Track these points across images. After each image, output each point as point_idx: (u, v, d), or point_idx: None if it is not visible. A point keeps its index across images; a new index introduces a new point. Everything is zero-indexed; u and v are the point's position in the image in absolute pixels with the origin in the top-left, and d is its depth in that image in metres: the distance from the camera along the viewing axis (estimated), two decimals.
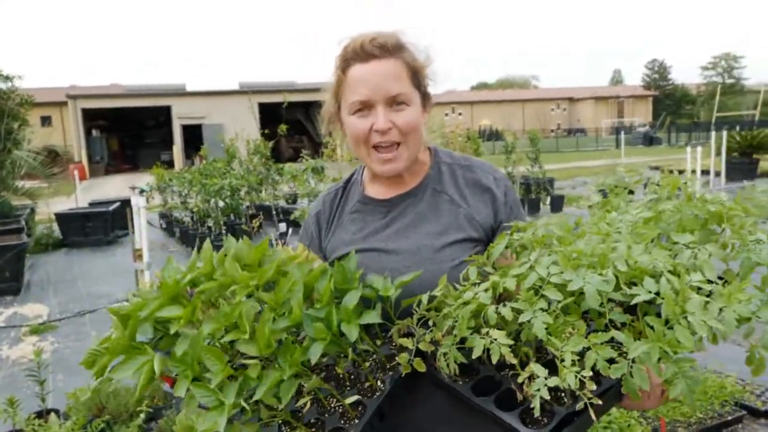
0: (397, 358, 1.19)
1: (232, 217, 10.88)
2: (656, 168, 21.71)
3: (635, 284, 0.96)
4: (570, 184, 18.43)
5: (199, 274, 1.22)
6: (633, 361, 0.91)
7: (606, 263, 0.98)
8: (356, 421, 1.13)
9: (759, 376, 0.95)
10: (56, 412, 3.71)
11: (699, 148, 13.02)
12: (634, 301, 0.93)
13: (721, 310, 0.89)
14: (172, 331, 1.14)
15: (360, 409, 1.15)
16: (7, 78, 8.56)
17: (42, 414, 3.64)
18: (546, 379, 0.96)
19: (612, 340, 0.95)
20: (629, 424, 3.17)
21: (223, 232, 9.83)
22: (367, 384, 1.19)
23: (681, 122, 54.23)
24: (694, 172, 12.81)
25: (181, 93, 35.37)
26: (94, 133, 35.35)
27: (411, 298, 1.22)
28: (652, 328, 0.92)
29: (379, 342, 1.25)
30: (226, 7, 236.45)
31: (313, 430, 1.15)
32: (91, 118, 35.05)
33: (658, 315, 0.95)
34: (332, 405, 1.19)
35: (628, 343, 0.92)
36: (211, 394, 1.06)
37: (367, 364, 1.22)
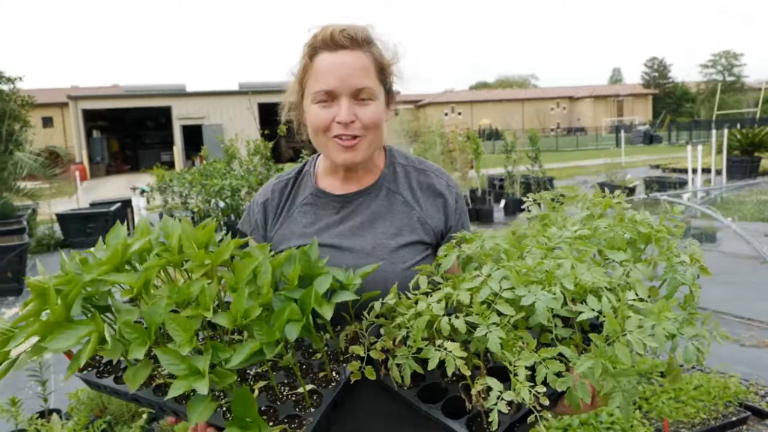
0: (350, 348, 1.20)
1: (232, 217, 10.87)
2: (657, 167, 21.72)
3: (575, 301, 1.04)
4: (570, 183, 18.40)
5: (140, 249, 1.20)
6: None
7: (552, 280, 1.03)
8: (312, 409, 1.12)
9: (675, 385, 1.02)
10: (58, 412, 3.71)
11: (700, 147, 13.01)
12: (579, 319, 0.99)
13: (653, 327, 0.96)
14: (123, 299, 1.13)
15: (315, 398, 1.15)
16: (8, 80, 8.56)
17: (44, 414, 3.64)
18: (501, 393, 0.99)
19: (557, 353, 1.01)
20: (632, 425, 3.17)
21: (224, 232, 9.83)
22: (321, 374, 1.19)
23: (681, 120, 54.17)
24: (695, 170, 12.82)
25: (181, 94, 35.37)
26: (95, 133, 35.37)
27: (366, 293, 1.23)
28: (588, 343, 1.01)
29: (328, 335, 1.26)
30: (225, 9, 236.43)
31: (265, 417, 1.13)
32: (92, 118, 35.09)
33: (593, 327, 1.08)
34: (284, 394, 1.17)
35: (574, 358, 0.98)
36: (180, 361, 1.03)
37: (319, 355, 1.23)
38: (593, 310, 0.98)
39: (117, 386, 1.19)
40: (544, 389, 0.97)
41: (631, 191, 13.21)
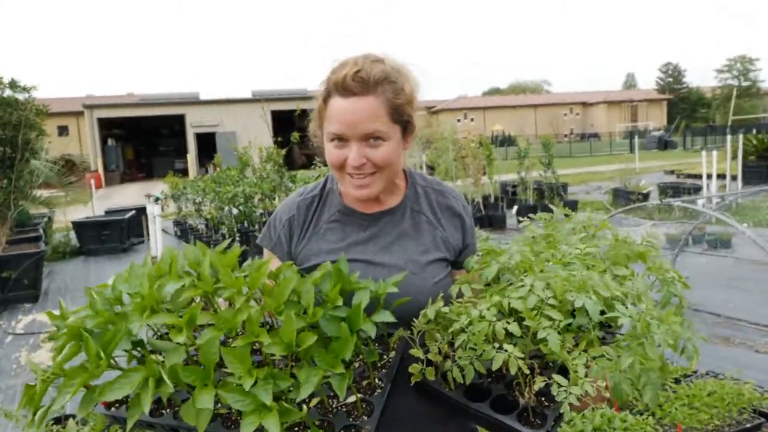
0: (385, 356, 1.27)
1: (245, 224, 10.94)
2: (671, 172, 21.55)
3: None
4: (584, 189, 18.34)
5: (170, 280, 1.19)
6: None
7: (586, 289, 1.15)
8: (365, 417, 1.16)
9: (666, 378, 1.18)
10: (74, 417, 3.75)
11: (714, 152, 12.89)
12: (621, 322, 1.12)
13: (667, 330, 1.11)
14: (176, 341, 1.10)
15: (365, 405, 1.19)
16: (24, 89, 8.66)
17: (60, 420, 3.68)
18: (567, 388, 1.09)
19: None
20: (645, 431, 3.14)
21: (237, 239, 9.89)
22: (364, 383, 1.24)
23: (696, 126, 53.73)
24: (710, 176, 12.71)
25: (194, 102, 35.70)
26: (110, 142, 35.75)
27: (397, 301, 1.30)
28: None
29: (375, 354, 1.29)
30: (238, 17, 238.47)
31: (322, 431, 1.16)
32: (107, 127, 35.47)
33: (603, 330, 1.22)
34: (333, 406, 1.21)
35: (615, 356, 1.10)
36: (244, 396, 1.03)
37: (356, 364, 1.27)
38: (625, 315, 1.11)
39: (152, 420, 1.19)
40: (605, 384, 1.08)
41: (645, 197, 13.12)
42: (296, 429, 1.16)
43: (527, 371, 1.12)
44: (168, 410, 1.18)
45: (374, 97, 1.39)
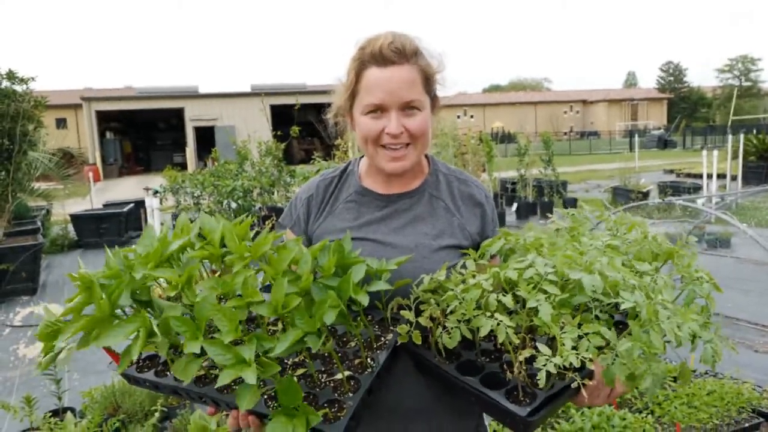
0: (383, 338, 1.28)
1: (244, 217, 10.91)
2: (671, 171, 21.56)
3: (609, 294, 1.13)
4: (583, 187, 18.33)
5: (183, 245, 1.25)
6: (616, 354, 1.07)
7: (592, 270, 1.13)
8: (350, 394, 1.17)
9: (686, 386, 1.13)
10: (72, 410, 3.74)
11: (715, 152, 12.88)
12: (623, 307, 1.08)
13: (679, 326, 1.08)
14: (170, 294, 1.17)
15: (352, 383, 1.20)
16: (22, 80, 8.60)
17: (58, 412, 3.68)
18: (549, 357, 1.07)
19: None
20: (644, 430, 3.14)
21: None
22: (356, 361, 1.25)
23: (696, 125, 53.75)
24: (710, 176, 12.70)
25: (193, 95, 35.54)
26: (108, 135, 35.63)
27: (399, 281, 1.30)
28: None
29: (360, 326, 1.30)
30: (237, 11, 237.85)
31: (305, 403, 1.17)
32: (105, 120, 35.33)
33: (615, 324, 1.17)
34: (322, 381, 1.23)
35: (614, 338, 1.07)
36: (226, 351, 1.06)
37: (353, 343, 1.29)
38: (630, 300, 1.07)
39: (157, 380, 1.24)
40: (590, 356, 1.05)
41: (645, 196, 13.12)
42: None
43: (516, 340, 1.11)
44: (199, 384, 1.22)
45: (410, 65, 1.42)
